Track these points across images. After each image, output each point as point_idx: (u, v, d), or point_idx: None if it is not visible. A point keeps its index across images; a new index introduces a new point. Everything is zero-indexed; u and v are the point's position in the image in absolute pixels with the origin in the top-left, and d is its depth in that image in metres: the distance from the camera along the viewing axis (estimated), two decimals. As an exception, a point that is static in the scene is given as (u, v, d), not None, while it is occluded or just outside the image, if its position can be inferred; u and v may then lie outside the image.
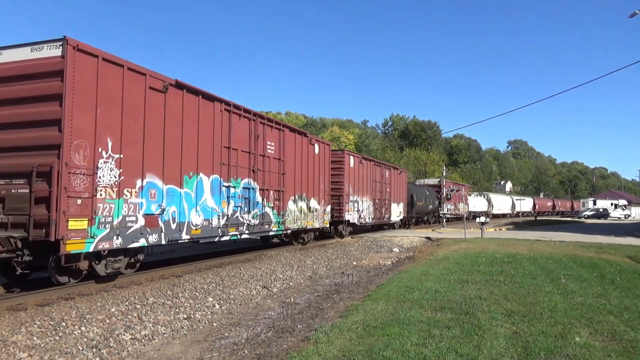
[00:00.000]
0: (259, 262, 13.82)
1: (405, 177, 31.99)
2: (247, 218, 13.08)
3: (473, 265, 12.04)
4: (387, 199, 27.38)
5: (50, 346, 6.05)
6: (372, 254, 18.73)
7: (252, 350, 6.15)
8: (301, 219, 16.65)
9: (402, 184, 30.38)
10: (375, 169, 25.81)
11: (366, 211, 24.05)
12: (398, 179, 29.73)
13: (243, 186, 12.89)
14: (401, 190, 30.11)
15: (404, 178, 31.31)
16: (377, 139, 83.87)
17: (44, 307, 7.54)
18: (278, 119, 78.16)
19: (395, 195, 28.89)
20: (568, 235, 23.98)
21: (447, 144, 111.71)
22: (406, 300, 8.01)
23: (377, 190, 25.64)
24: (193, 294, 9.39)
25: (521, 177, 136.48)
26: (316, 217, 18.15)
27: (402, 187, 30.33)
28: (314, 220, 17.96)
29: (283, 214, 15.15)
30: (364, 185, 23.68)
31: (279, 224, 14.99)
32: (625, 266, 12.73)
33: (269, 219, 14.34)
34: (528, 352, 5.33)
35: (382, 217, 26.87)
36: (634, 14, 21.13)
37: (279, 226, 14.99)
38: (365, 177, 23.92)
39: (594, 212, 65.94)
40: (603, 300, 8.17)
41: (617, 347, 5.61)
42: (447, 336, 5.85)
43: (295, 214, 16.18)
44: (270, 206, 14.37)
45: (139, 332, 7.06)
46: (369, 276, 12.73)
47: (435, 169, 67.84)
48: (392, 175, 28.57)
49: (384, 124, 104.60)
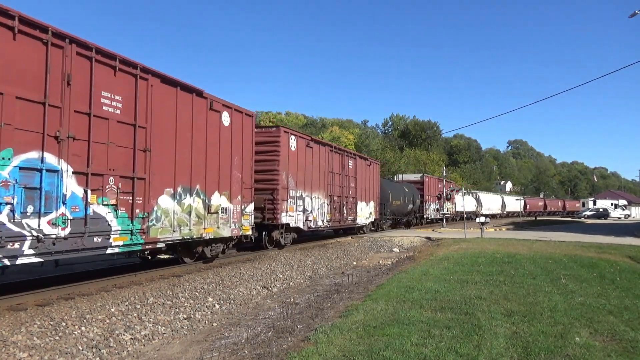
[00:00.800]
0: (259, 262, 13.82)
1: (376, 170, 26.68)
2: (35, 226, 7.28)
3: (473, 265, 12.03)
4: (350, 196, 22.20)
5: (50, 346, 6.05)
6: (372, 253, 18.73)
7: (252, 350, 6.15)
8: (191, 224, 11.04)
9: (372, 179, 25.53)
10: (333, 157, 20.35)
11: (318, 211, 18.86)
12: (367, 172, 24.57)
13: (22, 166, 7.13)
14: (372, 186, 25.31)
15: (375, 171, 26.15)
16: (377, 139, 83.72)
17: (44, 307, 7.54)
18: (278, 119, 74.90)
19: (363, 191, 23.84)
20: (568, 235, 23.99)
21: (447, 144, 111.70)
22: (406, 300, 8.01)
23: (335, 184, 20.52)
24: (193, 294, 9.39)
25: (521, 177, 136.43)
26: (225, 220, 12.47)
27: (372, 182, 25.51)
28: (221, 225, 12.26)
29: (144, 216, 9.52)
30: (314, 176, 18.44)
31: (132, 233, 9.19)
32: (625, 266, 12.73)
33: (105, 225, 8.56)
34: (528, 352, 5.33)
35: (344, 219, 21.58)
36: (634, 14, 21.12)
37: (131, 236, 9.18)
38: (316, 167, 18.69)
39: (594, 212, 65.91)
40: (603, 300, 8.17)
41: (617, 347, 5.61)
42: (447, 336, 5.85)
43: (179, 217, 10.61)
44: (108, 204, 8.64)
45: (139, 332, 7.06)
46: (369, 276, 12.73)
47: (435, 168, 67.79)
48: (358, 166, 23.09)
49: (384, 124, 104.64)
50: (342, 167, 21.27)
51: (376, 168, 26.79)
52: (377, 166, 27.37)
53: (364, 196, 24.35)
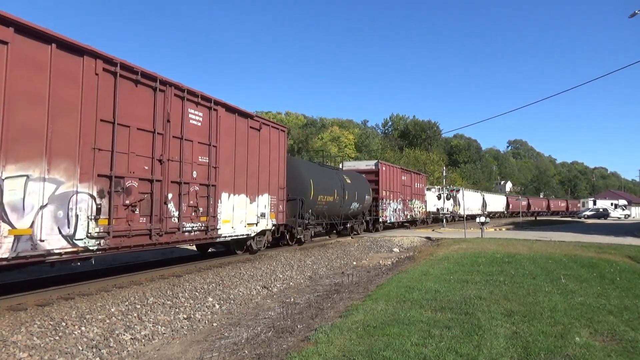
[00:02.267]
0: (259, 262, 13.82)
1: (281, 141, 15.96)
2: None
3: (473, 265, 12.03)
4: (194, 180, 11.47)
5: (50, 346, 6.05)
6: (372, 254, 18.73)
7: (252, 350, 6.15)
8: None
9: (267, 154, 15.02)
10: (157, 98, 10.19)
11: None
12: (252, 140, 14.13)
13: None
14: (266, 166, 14.97)
15: (277, 143, 15.67)
16: (377, 139, 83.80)
17: (44, 307, 7.55)
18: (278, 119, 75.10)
19: (237, 174, 13.33)
20: (568, 235, 23.99)
21: (447, 144, 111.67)
22: (406, 300, 8.01)
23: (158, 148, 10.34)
24: (193, 294, 9.39)
25: (521, 177, 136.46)
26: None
27: (268, 159, 15.07)
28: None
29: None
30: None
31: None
32: (625, 266, 12.73)
33: None
34: (528, 352, 5.33)
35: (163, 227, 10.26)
36: (634, 14, 21.13)
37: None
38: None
39: (594, 212, 65.91)
40: (603, 300, 8.17)
41: (617, 347, 5.61)
42: (447, 336, 5.85)
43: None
44: None
45: (139, 332, 7.06)
46: (369, 276, 12.73)
47: (435, 168, 67.78)
48: (223, 124, 12.66)
49: (384, 124, 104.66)
50: (181, 117, 10.98)
51: (280, 138, 15.56)
52: (283, 135, 15.88)
53: (243, 183, 13.56)
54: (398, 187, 29.91)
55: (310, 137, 71.47)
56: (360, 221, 25.02)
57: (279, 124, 16.43)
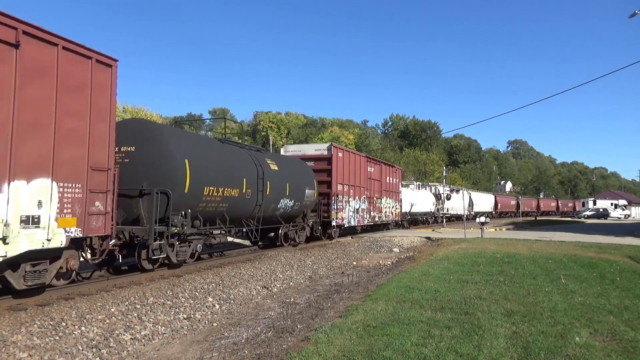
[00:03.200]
0: (259, 262, 13.82)
1: (103, 77, 8.63)
2: None
3: (473, 265, 12.04)
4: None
5: (50, 346, 6.05)
6: (372, 254, 18.74)
7: (252, 350, 6.15)
8: None
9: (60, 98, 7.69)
10: None
11: None
12: (11, 69, 6.88)
13: None
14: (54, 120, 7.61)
15: (97, 81, 8.45)
16: (377, 139, 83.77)
17: (44, 307, 7.54)
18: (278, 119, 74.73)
19: None
20: (568, 235, 24.00)
21: (447, 144, 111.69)
22: (406, 300, 8.01)
23: None
24: (193, 294, 9.39)
25: (521, 177, 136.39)
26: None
27: (60, 107, 7.68)
28: None
29: None
30: None
31: None
32: (625, 266, 12.73)
33: None
34: (528, 352, 5.33)
35: None
36: (634, 14, 21.12)
37: None
38: None
39: (594, 212, 65.91)
40: (603, 300, 8.17)
41: (617, 347, 5.61)
42: (447, 336, 5.85)
43: None
44: None
45: (139, 332, 7.06)
46: (368, 276, 12.73)
47: (435, 168, 67.78)
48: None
49: (384, 124, 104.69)
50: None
51: (95, 74, 8.43)
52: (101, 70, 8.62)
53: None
54: (361, 180, 23.01)
55: (310, 137, 71.47)
56: (300, 226, 17.92)
57: (86, 48, 8.28)
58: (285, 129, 79.87)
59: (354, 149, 73.58)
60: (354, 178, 22.31)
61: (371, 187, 24.86)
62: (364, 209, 23.53)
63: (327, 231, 20.18)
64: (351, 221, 21.86)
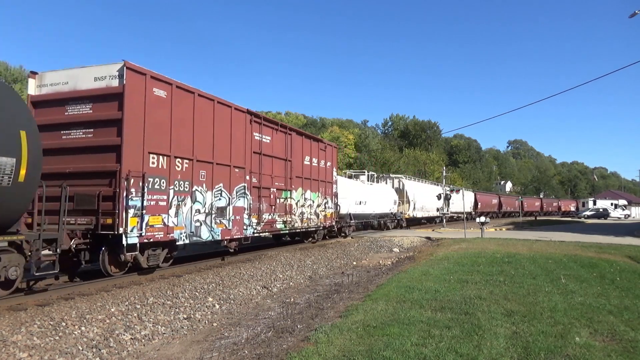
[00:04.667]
0: (259, 262, 13.81)
1: None
2: None
3: (473, 265, 12.04)
4: None
5: (50, 346, 6.05)
6: (372, 254, 18.73)
7: (252, 350, 6.15)
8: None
9: None
10: None
11: None
12: None
13: None
14: None
15: None
16: (377, 139, 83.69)
17: (44, 307, 7.54)
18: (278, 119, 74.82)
19: None
20: (568, 235, 23.99)
21: (447, 144, 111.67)
22: (406, 300, 8.01)
23: None
24: (193, 294, 9.39)
25: (521, 177, 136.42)
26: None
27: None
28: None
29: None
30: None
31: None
32: (625, 266, 12.73)
33: None
34: (528, 352, 5.33)
35: None
36: (634, 14, 21.12)
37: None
38: None
39: (594, 212, 65.92)
40: (603, 300, 8.17)
41: (617, 347, 5.61)
42: (447, 336, 5.85)
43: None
44: None
45: (139, 332, 7.06)
46: (368, 276, 12.73)
47: (435, 168, 67.77)
48: None
49: (384, 124, 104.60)
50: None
51: None
52: None
53: None
54: (237, 154, 13.33)
55: (310, 137, 71.37)
56: None
57: None
58: (285, 129, 79.70)
59: (354, 149, 72.16)
60: (212, 147, 12.13)
61: (266, 168, 14.88)
62: (241, 208, 13.43)
63: (105, 263, 9.71)
64: (200, 232, 11.60)
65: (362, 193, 25.32)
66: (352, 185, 24.42)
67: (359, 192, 25.03)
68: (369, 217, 26.70)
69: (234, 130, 13.07)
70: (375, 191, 27.86)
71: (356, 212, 24.20)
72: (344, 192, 22.32)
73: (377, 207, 27.18)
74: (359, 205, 24.53)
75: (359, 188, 25.30)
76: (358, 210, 24.49)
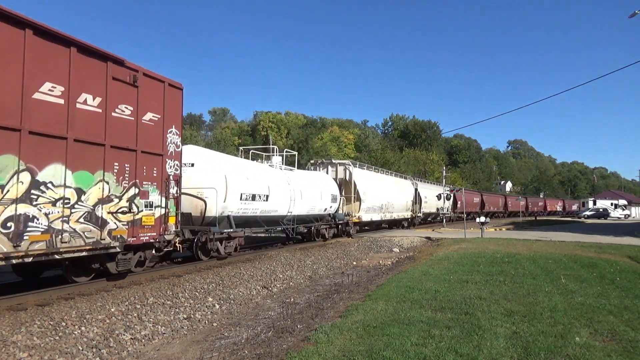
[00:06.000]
0: (259, 262, 13.81)
1: None
2: None
3: (473, 265, 12.04)
4: None
5: (50, 346, 6.05)
6: (372, 254, 18.73)
7: (252, 350, 6.15)
8: None
9: None
10: None
11: None
12: None
13: None
14: None
15: None
16: (377, 139, 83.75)
17: (44, 307, 7.54)
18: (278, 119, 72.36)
19: None
20: (568, 235, 23.99)
21: (447, 144, 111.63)
22: (406, 300, 8.01)
23: None
24: (193, 294, 9.39)
25: (521, 177, 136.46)
26: None
27: None
28: None
29: None
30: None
31: None
32: (625, 266, 12.73)
33: None
34: (528, 352, 5.33)
35: None
36: (634, 14, 21.11)
37: None
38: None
39: (594, 212, 65.93)
40: (603, 300, 8.17)
41: (617, 347, 5.61)
42: (447, 336, 5.85)
43: None
44: None
45: (139, 332, 7.06)
46: (368, 276, 12.73)
47: (435, 168, 67.78)
48: None
49: (384, 124, 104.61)
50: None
51: None
52: None
53: None
54: None
55: (310, 137, 71.46)
56: None
57: None
58: (285, 129, 79.84)
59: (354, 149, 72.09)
60: None
61: None
62: None
63: None
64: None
65: (259, 180, 15.01)
66: (235, 167, 14.38)
67: (254, 178, 14.80)
68: (275, 220, 16.44)
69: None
70: (296, 180, 17.81)
71: (245, 212, 14.23)
72: (215, 177, 12.89)
73: (298, 205, 17.47)
74: (249, 201, 14.27)
75: (253, 172, 15.09)
76: (250, 210, 14.41)
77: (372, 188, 25.48)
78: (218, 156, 14.55)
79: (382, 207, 26.96)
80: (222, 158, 14.71)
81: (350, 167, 24.00)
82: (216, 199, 12.83)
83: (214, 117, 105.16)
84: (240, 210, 14.09)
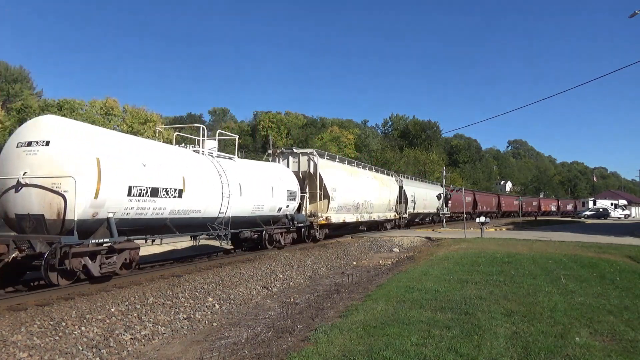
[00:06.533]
0: (259, 262, 13.81)
1: None
2: None
3: (473, 265, 12.04)
4: None
5: (50, 346, 6.05)
6: (372, 253, 18.73)
7: (252, 350, 6.15)
8: None
9: None
10: None
11: None
12: None
13: None
14: None
15: None
16: (377, 139, 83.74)
17: (44, 307, 7.54)
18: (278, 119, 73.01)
19: None
20: (568, 235, 23.98)
21: (447, 144, 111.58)
22: (406, 300, 8.01)
23: None
24: (193, 294, 9.39)
25: (521, 177, 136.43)
26: None
27: None
28: None
29: None
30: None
31: None
32: (625, 266, 12.73)
33: None
34: (528, 352, 5.33)
35: None
36: (634, 14, 21.12)
37: None
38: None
39: (594, 212, 65.92)
40: (603, 300, 8.17)
41: (617, 347, 5.61)
42: (447, 336, 5.85)
43: None
44: None
45: (139, 332, 7.06)
46: (369, 276, 12.73)
47: (435, 168, 67.76)
48: None
49: (384, 124, 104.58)
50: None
51: None
52: None
53: None
54: None
55: (310, 137, 71.47)
56: None
57: None
58: (285, 129, 79.85)
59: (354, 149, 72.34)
60: None
61: None
62: None
63: None
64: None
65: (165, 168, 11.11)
66: (121, 147, 10.21)
67: (158, 165, 10.88)
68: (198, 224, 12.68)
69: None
70: (235, 171, 14.19)
71: (142, 213, 10.33)
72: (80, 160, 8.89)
73: (237, 203, 13.72)
74: (148, 198, 10.34)
75: (156, 156, 11.12)
76: (150, 210, 10.51)
77: (344, 183, 21.28)
78: (89, 130, 9.89)
79: (357, 207, 22.96)
80: (96, 133, 10.09)
81: (315, 158, 19.55)
82: (80, 193, 8.60)
83: (214, 117, 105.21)
84: (132, 211, 9.93)
